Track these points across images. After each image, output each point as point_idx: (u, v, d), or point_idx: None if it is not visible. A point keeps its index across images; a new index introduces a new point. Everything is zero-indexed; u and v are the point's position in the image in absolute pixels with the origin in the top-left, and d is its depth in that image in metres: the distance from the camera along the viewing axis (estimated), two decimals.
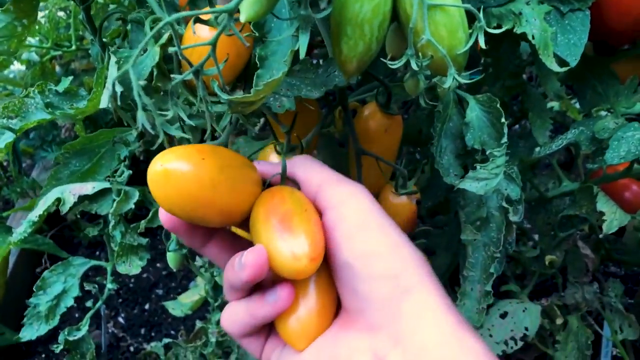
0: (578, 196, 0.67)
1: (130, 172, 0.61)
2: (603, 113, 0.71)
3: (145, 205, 0.64)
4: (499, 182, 0.51)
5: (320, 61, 0.48)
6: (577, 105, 0.76)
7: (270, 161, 0.49)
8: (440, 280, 0.62)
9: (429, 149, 0.69)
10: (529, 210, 0.73)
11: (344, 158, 0.69)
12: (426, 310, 0.32)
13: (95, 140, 0.65)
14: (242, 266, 0.32)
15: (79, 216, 1.38)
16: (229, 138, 0.46)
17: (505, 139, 0.52)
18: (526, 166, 0.65)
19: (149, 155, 0.61)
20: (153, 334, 1.05)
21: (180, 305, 0.83)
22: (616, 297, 0.74)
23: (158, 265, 1.20)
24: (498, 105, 0.54)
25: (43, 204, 0.63)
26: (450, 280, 0.67)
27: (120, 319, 1.07)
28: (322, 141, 0.65)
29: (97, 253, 1.23)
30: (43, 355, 0.97)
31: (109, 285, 0.70)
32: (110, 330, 1.04)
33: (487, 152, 0.52)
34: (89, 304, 0.81)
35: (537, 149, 0.64)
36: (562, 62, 0.54)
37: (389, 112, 0.52)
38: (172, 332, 1.02)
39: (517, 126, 0.92)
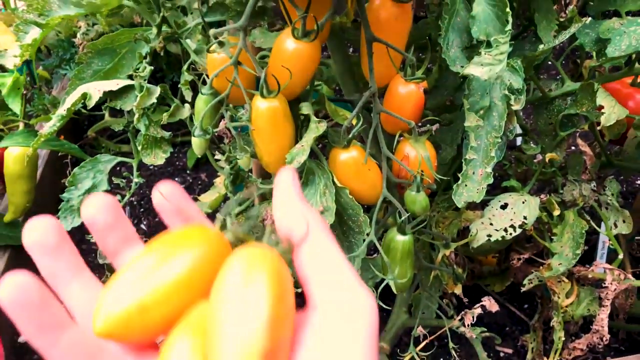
0: (579, 94, 0.70)
1: (152, 68, 0.64)
2: None
3: (166, 102, 0.67)
4: (502, 69, 0.54)
5: None
6: None
7: (285, 48, 0.52)
8: (444, 170, 0.66)
9: (436, 52, 0.72)
10: (532, 111, 0.76)
11: (355, 64, 0.72)
12: None
13: (116, 39, 0.68)
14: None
15: (98, 135, 1.43)
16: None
17: (509, 27, 0.55)
18: (530, 65, 0.67)
19: (168, 52, 0.64)
20: None
21: (200, 205, 0.89)
22: (612, 196, 0.78)
23: (177, 179, 1.25)
24: None
25: (70, 99, 0.66)
26: (450, 172, 0.71)
27: (143, 226, 1.14)
28: (333, 43, 0.67)
29: (118, 168, 1.28)
30: None
31: (136, 179, 0.74)
32: None
33: (491, 39, 0.54)
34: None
35: (541, 46, 0.66)
36: None
37: (399, 1, 0.54)
38: None
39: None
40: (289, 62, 0.52)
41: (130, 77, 0.68)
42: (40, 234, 0.27)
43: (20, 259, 0.98)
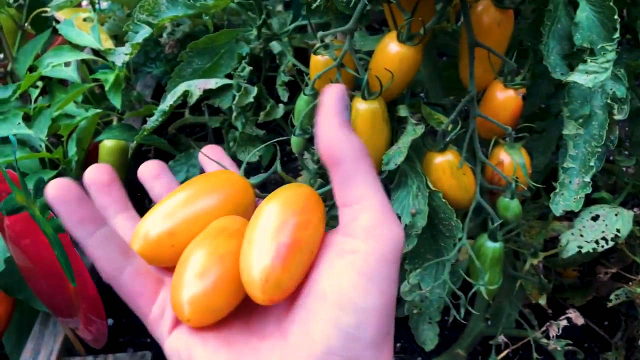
0: None
1: (251, 68, 0.67)
2: None
3: (261, 102, 0.70)
4: (607, 77, 0.53)
5: None
6: None
7: (389, 51, 0.53)
8: (536, 178, 0.65)
9: (529, 59, 0.71)
10: (628, 122, 0.74)
11: (444, 68, 0.72)
12: None
13: (216, 40, 0.71)
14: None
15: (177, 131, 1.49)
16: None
17: (617, 35, 0.54)
18: (631, 74, 0.66)
19: (266, 54, 0.66)
20: None
21: None
22: None
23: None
24: (611, 3, 0.55)
25: (172, 96, 0.70)
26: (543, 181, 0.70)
27: None
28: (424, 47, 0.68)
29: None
30: None
31: None
32: None
33: (598, 47, 0.54)
34: None
35: None
36: None
37: (502, 6, 0.54)
38: None
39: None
40: (391, 65, 0.53)
41: (228, 76, 0.71)
42: (97, 173, 0.34)
43: None
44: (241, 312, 0.32)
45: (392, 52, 0.53)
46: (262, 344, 0.30)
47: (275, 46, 0.66)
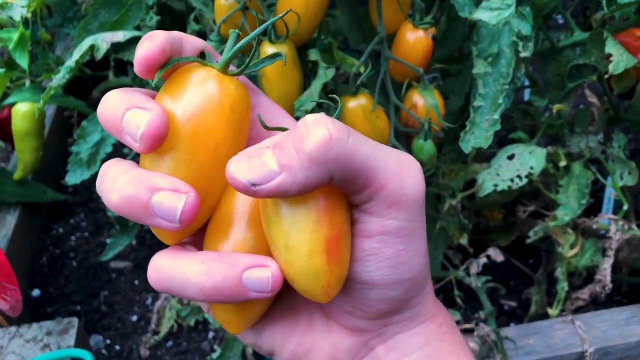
0: (588, 44, 0.69)
1: (159, 17, 0.64)
2: None
3: None
4: (510, 14, 0.54)
5: None
6: None
7: None
8: (452, 119, 0.65)
9: (444, 2, 0.71)
10: (540, 63, 0.76)
11: (363, 15, 0.71)
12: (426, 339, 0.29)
13: None
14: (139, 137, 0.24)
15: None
16: None
17: None
18: (538, 13, 0.67)
19: (171, 8, 0.63)
20: None
21: None
22: (619, 148, 0.78)
23: None
24: None
25: (78, 51, 0.66)
26: (458, 121, 0.71)
27: None
28: None
29: None
30: (82, 215, 1.06)
31: None
32: None
33: None
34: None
35: None
36: None
37: None
38: None
39: None
40: (297, 6, 0.51)
41: (137, 28, 0.68)
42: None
43: (31, 216, 0.99)
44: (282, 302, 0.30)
45: None
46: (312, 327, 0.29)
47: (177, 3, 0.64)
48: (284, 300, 0.29)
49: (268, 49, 0.52)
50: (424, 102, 0.59)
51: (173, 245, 0.27)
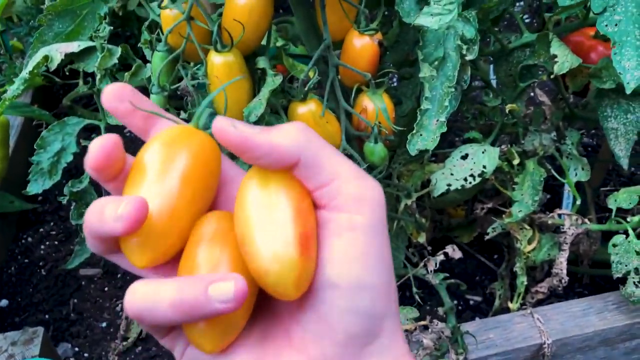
0: (537, 45, 0.71)
1: (111, 28, 0.65)
2: None
3: (129, 62, 0.68)
4: (452, 19, 0.55)
5: None
6: None
7: (237, 1, 0.53)
8: (405, 122, 0.67)
9: (381, 5, 0.72)
10: (492, 64, 0.78)
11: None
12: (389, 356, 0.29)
13: (76, 1, 0.68)
14: (117, 217, 0.26)
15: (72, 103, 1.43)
16: None
17: None
18: (486, 16, 0.69)
19: (127, 11, 0.64)
20: None
21: None
22: (573, 145, 0.80)
23: None
24: None
25: (32, 62, 0.67)
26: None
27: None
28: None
29: (93, 135, 1.29)
30: (52, 223, 1.06)
31: None
32: None
33: None
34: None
35: None
36: None
37: None
38: None
39: None
40: (240, 16, 0.52)
41: (92, 38, 0.68)
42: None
43: (1, 224, 0.99)
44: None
45: (241, 2, 0.52)
46: (279, 338, 0.29)
47: (133, 2, 0.64)
48: (254, 332, 0.30)
49: (215, 58, 0.53)
50: (373, 106, 0.61)
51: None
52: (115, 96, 0.30)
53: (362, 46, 0.59)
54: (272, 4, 0.54)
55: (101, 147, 0.28)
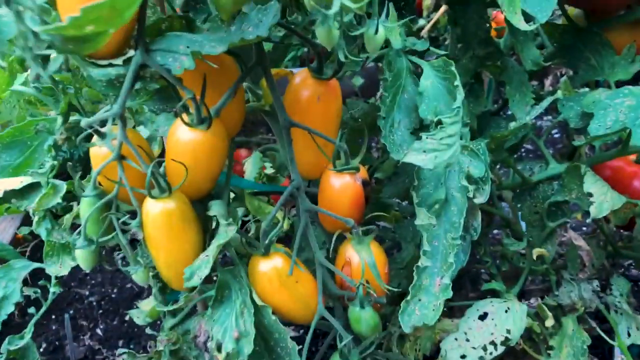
0: (566, 179, 0.59)
1: (55, 162, 0.56)
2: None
3: (77, 199, 0.58)
4: (453, 155, 0.44)
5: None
6: None
7: (179, 138, 0.43)
8: (405, 275, 0.54)
9: (365, 136, 0.62)
10: (514, 199, 0.65)
11: None
12: None
13: (25, 131, 0.60)
14: None
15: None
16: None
17: (458, 104, 0.45)
18: (500, 146, 0.57)
19: (71, 144, 0.55)
20: (131, 346, 0.99)
21: (139, 312, 0.78)
22: (621, 297, 0.65)
23: (129, 284, 1.14)
24: (453, 68, 0.47)
25: None
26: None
27: (99, 331, 1.02)
28: (276, 127, 0.58)
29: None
30: None
31: (52, 289, 0.64)
32: (87, 343, 0.99)
33: (436, 119, 0.45)
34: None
35: (512, 123, 0.56)
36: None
37: (321, 77, 0.45)
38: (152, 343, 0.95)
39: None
40: (183, 156, 0.42)
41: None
42: None
43: None
44: None
45: (183, 140, 0.42)
46: None
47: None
48: None
49: (149, 205, 0.42)
50: (359, 258, 0.48)
51: None
52: None
53: (341, 186, 0.47)
54: (224, 139, 0.44)
55: None
